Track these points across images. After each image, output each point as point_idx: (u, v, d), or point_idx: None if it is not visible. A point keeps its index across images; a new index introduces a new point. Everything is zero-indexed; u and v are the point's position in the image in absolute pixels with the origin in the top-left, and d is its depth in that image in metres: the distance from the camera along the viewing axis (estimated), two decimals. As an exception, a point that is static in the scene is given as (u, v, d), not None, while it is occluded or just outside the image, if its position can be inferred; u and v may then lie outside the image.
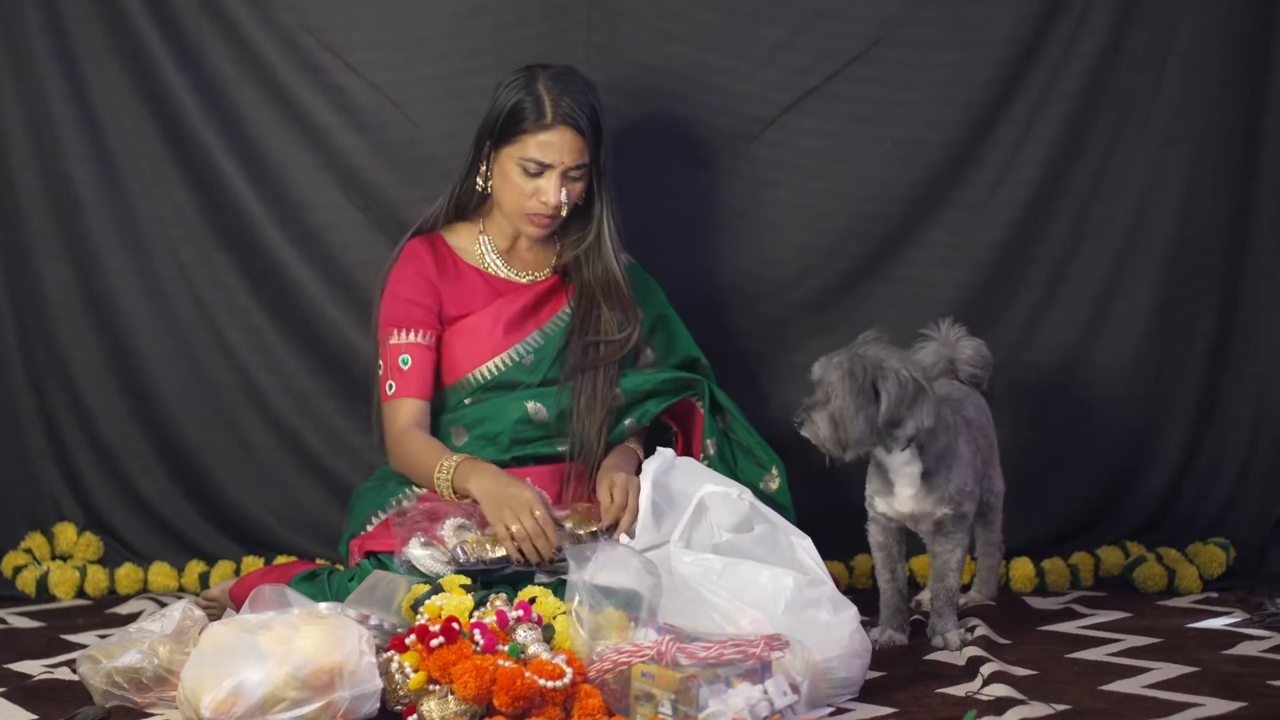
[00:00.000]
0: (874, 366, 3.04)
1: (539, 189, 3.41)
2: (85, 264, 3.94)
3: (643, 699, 2.68)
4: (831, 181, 3.89)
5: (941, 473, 3.17)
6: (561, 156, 3.39)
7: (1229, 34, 3.86)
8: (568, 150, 3.39)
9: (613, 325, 3.51)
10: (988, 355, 3.50)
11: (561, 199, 3.41)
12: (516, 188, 3.43)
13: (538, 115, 3.38)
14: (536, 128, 3.38)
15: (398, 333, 3.48)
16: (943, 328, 3.50)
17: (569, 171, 3.41)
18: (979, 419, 3.38)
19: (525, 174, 3.41)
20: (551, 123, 3.38)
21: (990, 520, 3.54)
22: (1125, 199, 3.91)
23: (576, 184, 3.44)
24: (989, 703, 2.80)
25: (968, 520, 3.22)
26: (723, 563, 2.93)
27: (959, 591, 3.26)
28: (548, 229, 3.49)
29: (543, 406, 3.47)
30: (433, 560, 3.18)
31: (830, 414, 3.06)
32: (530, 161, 3.39)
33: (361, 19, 3.89)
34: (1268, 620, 3.43)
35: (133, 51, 3.89)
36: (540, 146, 3.39)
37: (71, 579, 3.89)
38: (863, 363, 3.05)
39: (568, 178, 3.41)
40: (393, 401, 3.46)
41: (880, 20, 3.85)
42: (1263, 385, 3.95)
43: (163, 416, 3.98)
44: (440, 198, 3.57)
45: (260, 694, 2.65)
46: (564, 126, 3.38)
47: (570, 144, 3.39)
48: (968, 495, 3.19)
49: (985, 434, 3.40)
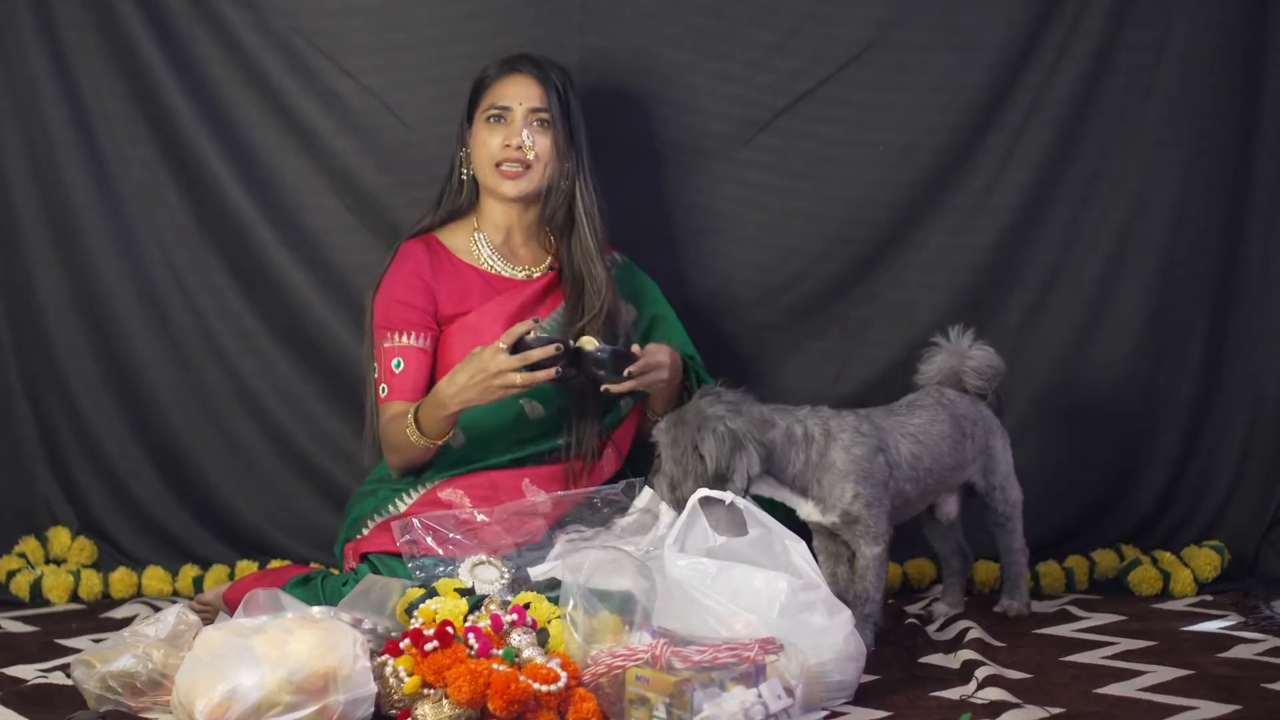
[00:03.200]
0: (695, 428, 3.13)
1: (504, 136, 3.48)
2: (78, 268, 3.94)
3: (637, 703, 2.68)
4: (824, 185, 3.89)
5: (813, 486, 3.21)
6: (519, 99, 3.49)
7: (1222, 38, 3.87)
8: (525, 94, 3.49)
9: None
10: (997, 364, 3.50)
11: (526, 140, 3.46)
12: (484, 143, 3.50)
13: (498, 71, 3.53)
14: (495, 79, 3.52)
15: (391, 335, 3.48)
16: (953, 335, 3.51)
17: (532, 116, 3.48)
18: (970, 428, 3.40)
19: (489, 124, 3.50)
20: (509, 73, 3.51)
21: (1010, 529, 3.54)
22: (1119, 203, 3.91)
23: (544, 135, 3.49)
24: (983, 706, 2.80)
25: (864, 524, 3.22)
26: (717, 566, 2.93)
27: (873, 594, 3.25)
28: (519, 181, 3.51)
29: (539, 404, 3.47)
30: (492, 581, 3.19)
31: (665, 476, 3.17)
32: (492, 109, 3.50)
33: (354, 23, 3.89)
34: (1262, 623, 3.43)
35: (126, 55, 3.89)
36: (498, 93, 3.50)
37: (65, 583, 3.89)
38: (684, 426, 3.14)
39: (534, 126, 3.48)
40: (386, 404, 3.46)
41: (873, 24, 3.85)
42: (1256, 389, 3.96)
43: (157, 420, 3.98)
44: (432, 201, 3.59)
45: (254, 698, 2.64)
46: (519, 74, 3.51)
47: (527, 88, 3.49)
48: (854, 499, 3.21)
49: (974, 441, 3.42)
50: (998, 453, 3.50)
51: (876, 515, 3.23)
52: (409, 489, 3.43)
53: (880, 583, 3.26)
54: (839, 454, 3.20)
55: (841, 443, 3.21)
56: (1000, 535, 3.55)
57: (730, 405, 3.15)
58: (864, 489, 3.20)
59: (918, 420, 3.33)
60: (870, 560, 3.24)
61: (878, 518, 3.23)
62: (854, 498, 3.20)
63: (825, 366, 3.93)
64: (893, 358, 3.88)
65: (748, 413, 3.16)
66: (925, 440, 3.32)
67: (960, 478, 3.45)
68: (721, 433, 3.11)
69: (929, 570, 3.88)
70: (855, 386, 3.88)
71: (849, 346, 3.94)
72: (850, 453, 3.20)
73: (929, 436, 3.32)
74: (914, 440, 3.30)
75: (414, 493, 3.43)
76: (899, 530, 3.58)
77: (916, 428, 3.32)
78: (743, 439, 3.12)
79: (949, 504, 3.51)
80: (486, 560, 3.21)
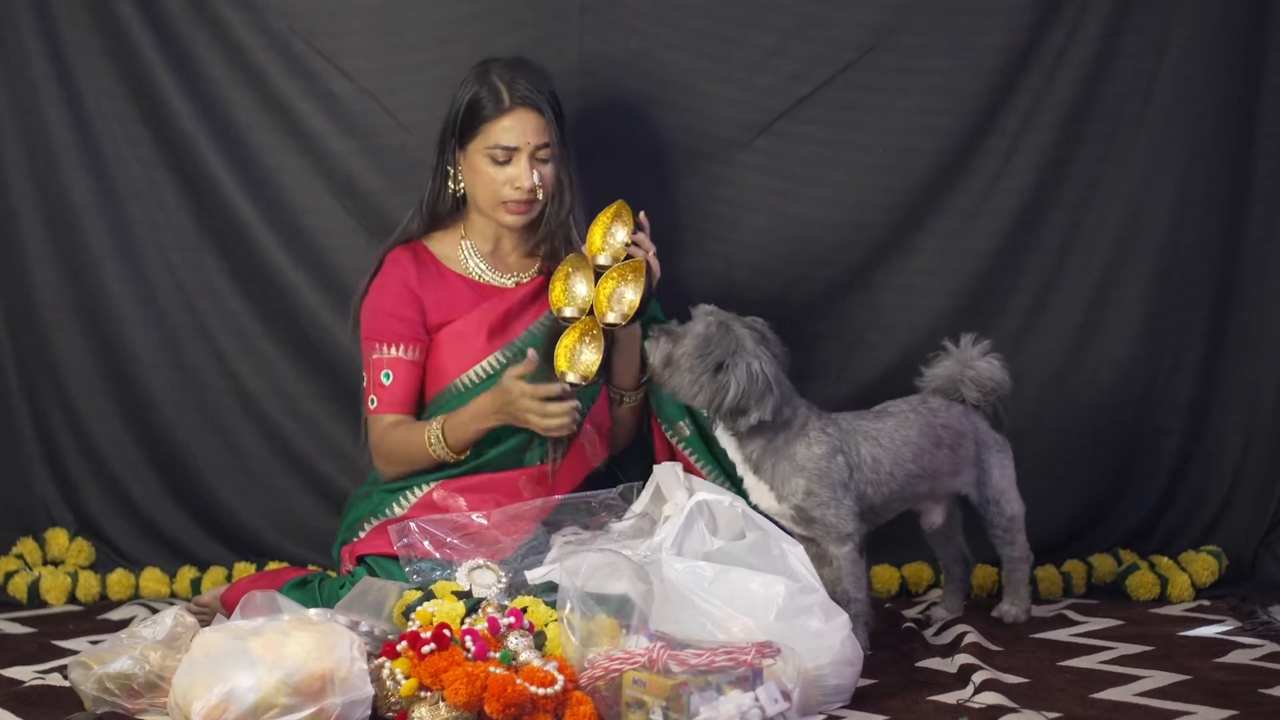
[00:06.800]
0: (733, 350, 3.18)
1: (510, 176, 3.44)
2: (77, 269, 3.94)
3: (634, 706, 2.68)
4: (824, 189, 3.88)
5: (766, 468, 3.25)
6: (526, 137, 3.42)
7: (1221, 42, 3.86)
8: (530, 130, 3.42)
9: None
10: (999, 378, 3.49)
11: (534, 181, 3.43)
12: (488, 179, 3.45)
13: (496, 103, 3.43)
14: (497, 114, 3.43)
15: (380, 347, 3.48)
16: (963, 342, 3.51)
17: (536, 153, 3.44)
18: (951, 439, 3.41)
19: (494, 163, 3.44)
20: (510, 107, 3.42)
21: (1008, 540, 3.53)
22: (1117, 206, 3.91)
23: (546, 165, 3.46)
24: (980, 710, 2.80)
25: (824, 524, 3.23)
26: (714, 570, 2.93)
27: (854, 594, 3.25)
28: (525, 216, 3.49)
29: None
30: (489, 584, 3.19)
31: (669, 354, 3.21)
32: (497, 149, 3.43)
33: (353, 24, 3.89)
34: (1259, 628, 3.44)
35: (126, 56, 3.89)
36: (503, 132, 3.42)
37: (63, 585, 3.88)
38: (724, 342, 3.18)
39: (536, 159, 3.44)
40: (375, 416, 3.47)
41: (873, 28, 3.85)
42: (1255, 394, 3.96)
43: (154, 422, 3.98)
44: (413, 207, 3.58)
45: (251, 700, 2.64)
46: (523, 108, 3.43)
47: (532, 124, 3.43)
48: (806, 495, 3.22)
49: (957, 451, 3.42)
50: (992, 466, 3.49)
51: (837, 515, 3.24)
52: (406, 491, 3.43)
53: (859, 582, 3.26)
54: (800, 448, 3.24)
55: (806, 439, 3.24)
56: (999, 545, 3.54)
57: (773, 353, 3.21)
58: (817, 487, 3.22)
59: (883, 425, 3.35)
60: (841, 560, 3.25)
61: (840, 517, 3.24)
62: (807, 494, 3.21)
63: (824, 369, 3.92)
64: (891, 361, 3.88)
65: (781, 368, 3.22)
66: (887, 444, 3.32)
67: (939, 487, 3.44)
68: (756, 372, 3.15)
69: (926, 574, 3.88)
70: (853, 389, 3.88)
71: (847, 350, 3.93)
72: (811, 449, 3.24)
73: (891, 441, 3.33)
74: (874, 443, 3.31)
75: (411, 495, 3.42)
76: (896, 533, 3.60)
77: (879, 431, 3.33)
78: (771, 387, 3.16)
79: (934, 513, 3.51)
80: (484, 564, 3.20)
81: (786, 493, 3.24)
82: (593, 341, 3.35)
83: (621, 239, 3.39)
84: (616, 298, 3.36)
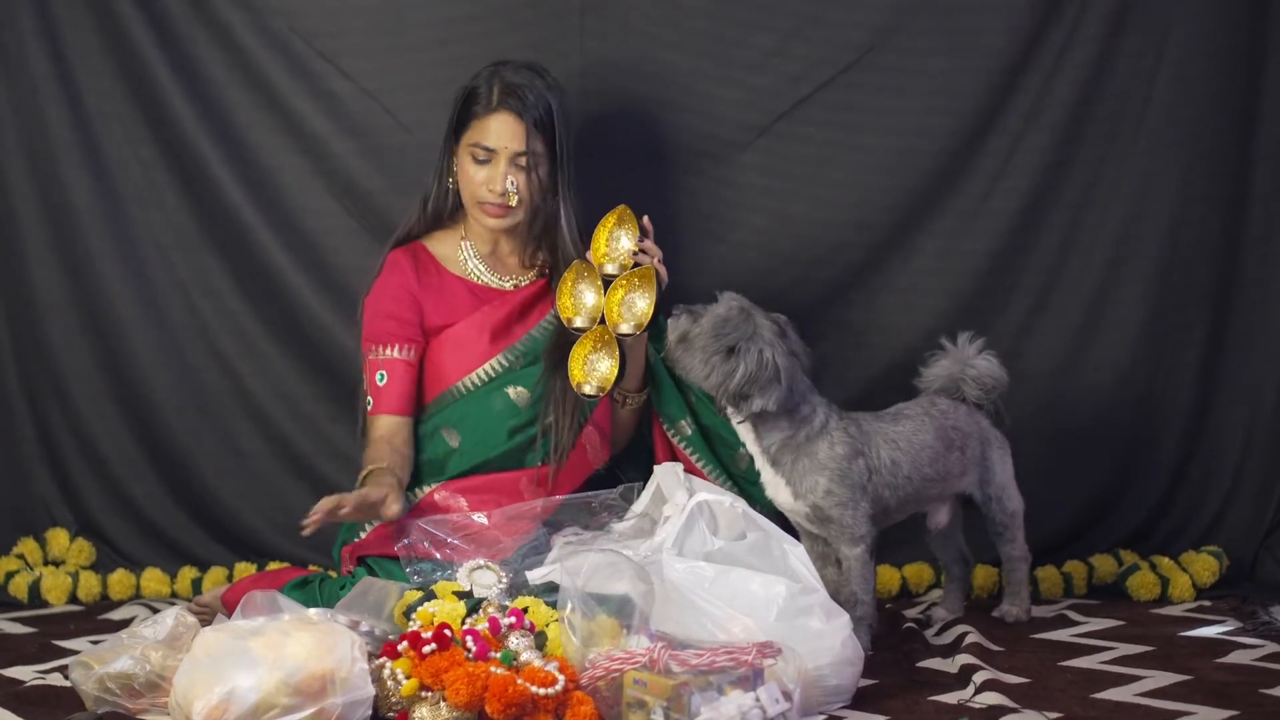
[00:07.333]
0: (748, 336, 3.18)
1: (486, 177, 3.45)
2: (78, 269, 3.94)
3: (635, 706, 2.68)
4: (824, 189, 3.89)
5: (785, 464, 3.24)
6: (505, 141, 3.43)
7: (1221, 44, 3.87)
8: (509, 136, 3.43)
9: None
10: (998, 376, 3.50)
11: (508, 186, 3.43)
12: (469, 177, 3.47)
13: (485, 102, 3.45)
14: (484, 112, 3.44)
15: (376, 348, 3.49)
16: (960, 341, 3.51)
17: (515, 159, 3.43)
18: (961, 441, 3.42)
19: (474, 161, 3.46)
20: (495, 107, 3.43)
21: (1009, 537, 3.54)
22: (1117, 208, 3.91)
23: (524, 174, 3.45)
24: (981, 711, 2.80)
25: (840, 524, 3.24)
26: (715, 570, 2.93)
27: (861, 596, 3.25)
28: (503, 219, 3.49)
29: (524, 389, 3.46)
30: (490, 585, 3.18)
31: (685, 332, 3.22)
32: (478, 147, 3.45)
33: (353, 25, 3.89)
34: (1260, 628, 3.44)
35: (126, 56, 3.89)
36: (484, 131, 3.44)
37: (64, 585, 3.88)
38: (742, 326, 3.18)
39: (515, 166, 3.44)
40: (372, 418, 3.48)
41: (873, 29, 3.85)
42: (1254, 394, 3.96)
43: (155, 422, 3.98)
44: (414, 205, 3.59)
45: (252, 700, 2.64)
46: (506, 112, 3.43)
47: (513, 130, 3.43)
48: (825, 494, 3.22)
49: (966, 453, 3.43)
50: (995, 463, 3.50)
51: (854, 517, 3.24)
52: (406, 493, 3.43)
53: (868, 584, 3.27)
54: (823, 446, 3.23)
55: (829, 438, 3.23)
56: (1000, 544, 3.55)
57: (790, 348, 3.21)
58: (837, 488, 3.22)
59: (901, 428, 3.35)
60: (852, 562, 3.25)
61: (856, 519, 3.24)
62: (826, 494, 3.22)
63: (824, 369, 3.92)
64: (891, 361, 3.88)
65: (799, 364, 3.22)
66: (906, 448, 3.33)
67: (948, 489, 3.45)
68: (767, 359, 3.15)
69: (927, 574, 3.88)
70: (854, 390, 3.87)
71: (848, 350, 3.93)
72: (834, 449, 3.23)
73: (910, 445, 3.33)
74: (894, 447, 3.32)
75: (412, 496, 3.42)
76: (896, 534, 3.60)
77: (898, 435, 3.34)
78: (779, 377, 3.17)
79: (940, 513, 3.52)
80: (485, 565, 3.21)
81: (805, 490, 3.24)
82: (606, 351, 3.34)
83: (627, 245, 3.38)
84: (627, 306, 3.35)
